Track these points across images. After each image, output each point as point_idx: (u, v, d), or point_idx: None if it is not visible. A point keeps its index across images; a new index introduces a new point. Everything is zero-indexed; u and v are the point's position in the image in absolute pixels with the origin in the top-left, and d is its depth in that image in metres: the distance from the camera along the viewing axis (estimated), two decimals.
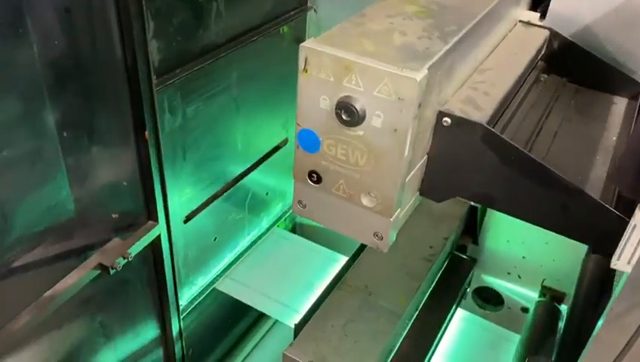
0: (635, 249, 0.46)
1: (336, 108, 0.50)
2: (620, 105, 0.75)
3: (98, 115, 0.67)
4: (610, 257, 0.49)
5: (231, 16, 0.83)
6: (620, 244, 0.47)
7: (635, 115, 0.72)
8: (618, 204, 0.55)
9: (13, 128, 0.58)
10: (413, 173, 0.55)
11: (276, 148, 1.10)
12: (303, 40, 1.05)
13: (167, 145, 0.78)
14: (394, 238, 0.57)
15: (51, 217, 0.66)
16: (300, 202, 0.59)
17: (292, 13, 0.99)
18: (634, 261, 0.46)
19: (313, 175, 0.56)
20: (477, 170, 0.57)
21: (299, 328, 0.80)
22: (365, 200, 0.54)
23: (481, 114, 0.56)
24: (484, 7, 0.61)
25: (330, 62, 0.48)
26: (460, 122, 0.55)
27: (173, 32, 0.73)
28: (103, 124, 0.68)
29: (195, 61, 0.79)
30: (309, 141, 0.54)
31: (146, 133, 0.71)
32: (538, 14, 0.79)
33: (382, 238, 0.56)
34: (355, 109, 0.49)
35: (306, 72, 0.50)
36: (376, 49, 0.49)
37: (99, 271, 0.73)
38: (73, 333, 0.76)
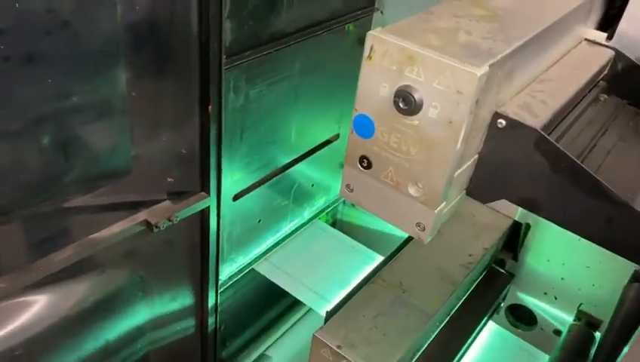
0: None
1: (394, 97, 0.52)
2: None
3: (167, 83, 0.71)
4: None
5: (301, 8, 0.87)
6: None
7: None
8: None
9: (88, 78, 0.62)
10: (462, 169, 0.57)
11: (327, 142, 1.13)
12: (363, 41, 1.09)
13: (228, 123, 0.82)
14: (436, 231, 0.58)
15: (109, 168, 0.71)
16: (347, 186, 0.62)
17: (359, 12, 1.02)
18: None
19: (364, 160, 0.58)
20: (526, 174, 0.58)
21: (330, 314, 0.82)
22: (412, 190, 0.56)
23: (536, 120, 0.57)
24: (551, 18, 0.62)
25: (394, 51, 0.51)
26: (514, 125, 0.56)
27: (246, 15, 0.77)
28: (170, 92, 0.72)
29: (264, 46, 0.82)
30: (364, 126, 0.56)
31: (210, 107, 0.75)
32: (605, 35, 0.79)
33: (424, 229, 0.57)
34: (414, 98, 0.51)
35: (370, 58, 0.53)
36: (441, 43, 0.51)
37: (143, 227, 0.77)
38: (113, 280, 0.80)
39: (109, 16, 0.62)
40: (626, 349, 0.52)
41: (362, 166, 0.59)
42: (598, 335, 0.99)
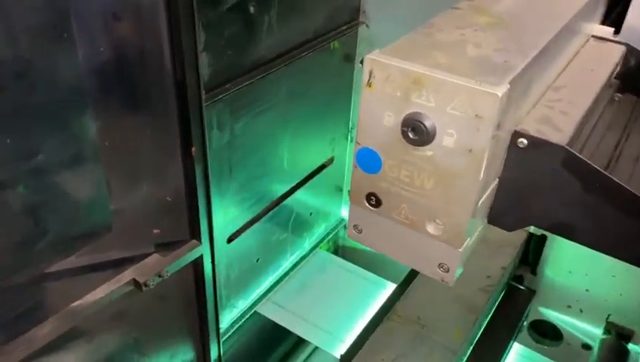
0: None
1: (402, 126, 0.46)
2: None
3: (144, 127, 0.64)
4: None
5: (282, 31, 0.80)
6: None
7: None
8: None
9: (52, 132, 0.55)
10: (483, 198, 0.50)
11: (322, 167, 1.06)
12: (353, 56, 1.03)
13: (214, 162, 0.75)
14: (461, 271, 0.52)
15: (87, 228, 0.64)
16: (355, 226, 0.55)
17: (343, 27, 0.95)
18: None
19: (372, 198, 0.51)
20: (555, 196, 0.51)
21: (346, 360, 0.74)
22: (430, 228, 0.49)
23: (560, 135, 0.51)
24: (563, 19, 0.56)
25: (397, 76, 0.44)
26: (537, 143, 0.50)
27: (224, 45, 0.71)
28: (148, 136, 0.65)
29: (245, 76, 0.76)
30: (369, 161, 0.50)
31: (193, 149, 0.68)
32: (611, 29, 0.73)
33: (448, 270, 0.51)
34: (425, 127, 0.44)
35: (370, 85, 0.46)
36: (450, 61, 0.45)
37: (131, 287, 0.70)
38: (105, 346, 0.73)
39: (69, 63, 0.55)
40: None
41: (370, 204, 0.52)
42: (631, 346, 0.93)
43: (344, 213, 1.19)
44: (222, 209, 0.82)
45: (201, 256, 0.78)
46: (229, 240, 0.87)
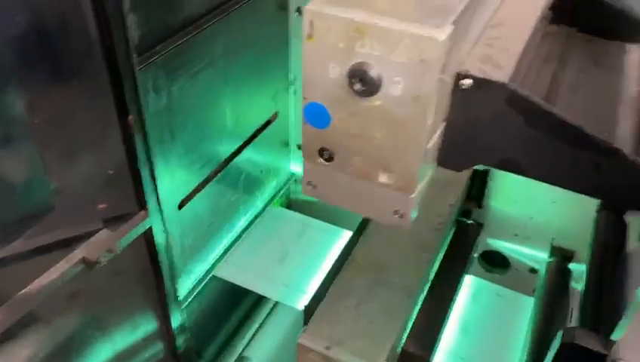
0: None
1: (348, 78, 0.45)
2: (634, 53, 0.71)
3: (75, 99, 0.61)
4: None
5: None
6: None
7: None
8: None
9: None
10: (432, 142, 0.50)
11: (267, 123, 1.04)
12: (285, 6, 1.00)
13: (154, 128, 0.72)
14: (415, 215, 0.52)
15: (26, 210, 0.61)
16: (309, 183, 0.54)
17: None
18: None
19: (324, 152, 0.51)
20: (501, 134, 0.52)
21: (309, 312, 0.76)
22: (383, 177, 0.50)
23: (502, 73, 0.51)
24: None
25: (339, 26, 0.43)
26: (481, 83, 0.50)
27: (152, 3, 0.66)
28: (80, 108, 0.61)
29: (179, 34, 0.72)
30: (317, 115, 0.49)
31: (130, 117, 0.65)
32: None
33: (403, 216, 0.51)
34: (370, 76, 0.44)
35: (311, 38, 0.45)
36: (391, 7, 0.44)
37: (83, 266, 0.68)
38: (64, 328, 0.71)
39: None
40: None
41: (323, 159, 0.52)
42: (575, 266, 0.98)
43: (293, 167, 1.19)
44: (168, 176, 0.80)
45: (151, 226, 0.76)
46: (180, 207, 0.85)
